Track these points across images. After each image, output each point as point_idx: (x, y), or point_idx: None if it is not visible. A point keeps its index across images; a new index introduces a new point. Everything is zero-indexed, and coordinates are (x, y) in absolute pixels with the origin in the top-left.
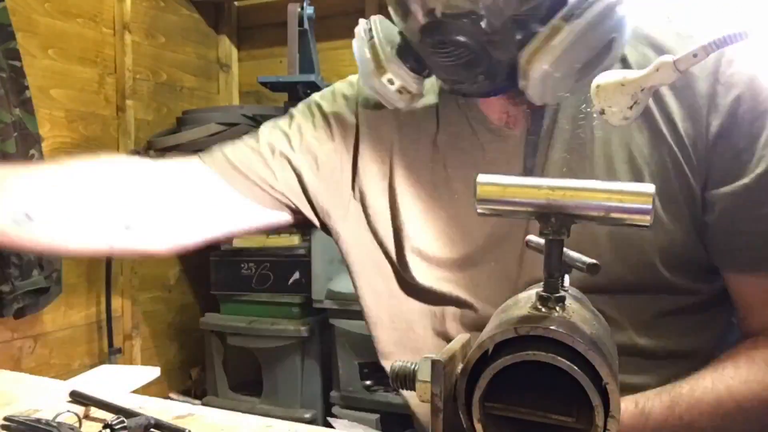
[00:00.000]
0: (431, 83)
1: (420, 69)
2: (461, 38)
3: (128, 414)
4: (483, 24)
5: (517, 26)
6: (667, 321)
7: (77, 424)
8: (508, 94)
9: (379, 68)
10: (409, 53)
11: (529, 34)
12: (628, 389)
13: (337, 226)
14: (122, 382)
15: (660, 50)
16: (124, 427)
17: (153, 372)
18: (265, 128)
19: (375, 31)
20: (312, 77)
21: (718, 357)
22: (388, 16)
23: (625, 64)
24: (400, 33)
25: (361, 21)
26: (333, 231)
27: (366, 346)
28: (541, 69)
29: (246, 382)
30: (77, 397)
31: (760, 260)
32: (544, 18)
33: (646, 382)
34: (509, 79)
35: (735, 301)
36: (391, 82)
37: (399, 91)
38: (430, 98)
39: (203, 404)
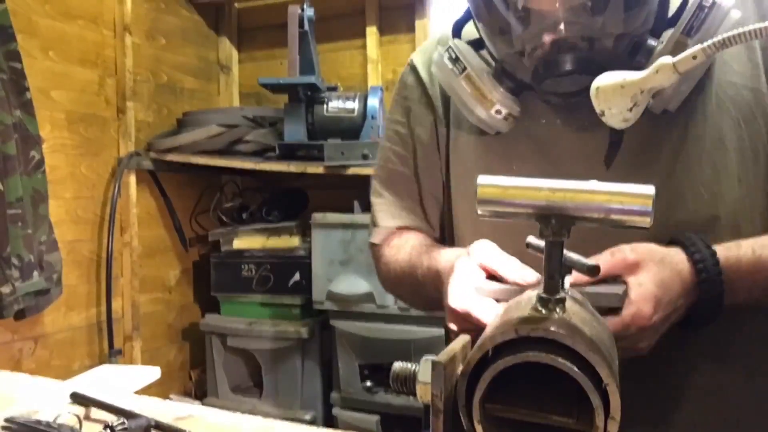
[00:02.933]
0: None
1: (518, 89)
2: (575, 67)
3: (129, 415)
4: (598, 46)
5: (630, 42)
6: None
7: (78, 425)
8: None
9: (485, 101)
10: (505, 75)
11: (644, 47)
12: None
13: None
14: (123, 383)
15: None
16: (125, 428)
17: (153, 373)
18: None
19: (465, 61)
20: (312, 79)
21: None
22: (388, 16)
23: None
24: (486, 50)
25: (437, 47)
26: None
27: (366, 347)
28: (670, 88)
29: (246, 383)
30: (78, 399)
31: None
32: (655, 30)
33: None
34: None
35: None
36: (498, 112)
37: (505, 118)
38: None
39: (203, 405)
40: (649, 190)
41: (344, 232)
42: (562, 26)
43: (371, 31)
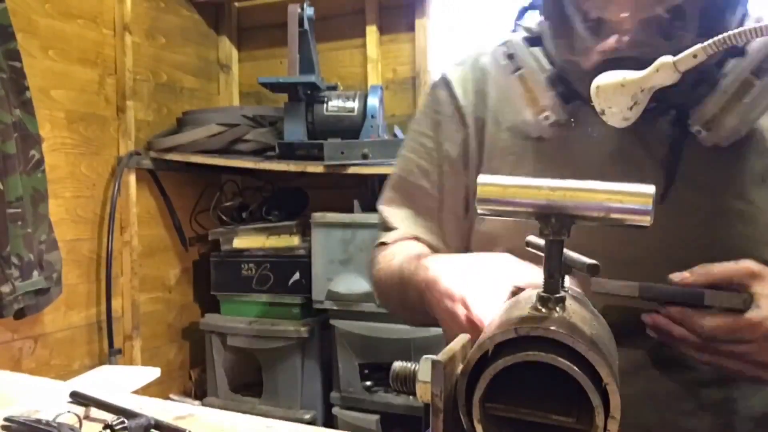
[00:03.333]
0: None
1: (570, 96)
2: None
3: (128, 414)
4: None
5: (696, 70)
6: None
7: (77, 425)
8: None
9: (535, 105)
10: (559, 80)
11: (708, 78)
12: None
13: None
14: (122, 383)
15: None
16: (125, 428)
17: (153, 372)
18: None
19: (521, 58)
20: (312, 78)
21: None
22: (388, 16)
23: None
24: (541, 49)
25: (493, 43)
26: None
27: (366, 346)
28: (732, 123)
29: (246, 382)
30: (77, 398)
31: None
32: (719, 61)
33: None
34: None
35: None
36: (546, 118)
37: (551, 125)
38: None
39: (203, 405)
40: (649, 189)
41: (344, 232)
42: (630, 40)
43: (371, 30)
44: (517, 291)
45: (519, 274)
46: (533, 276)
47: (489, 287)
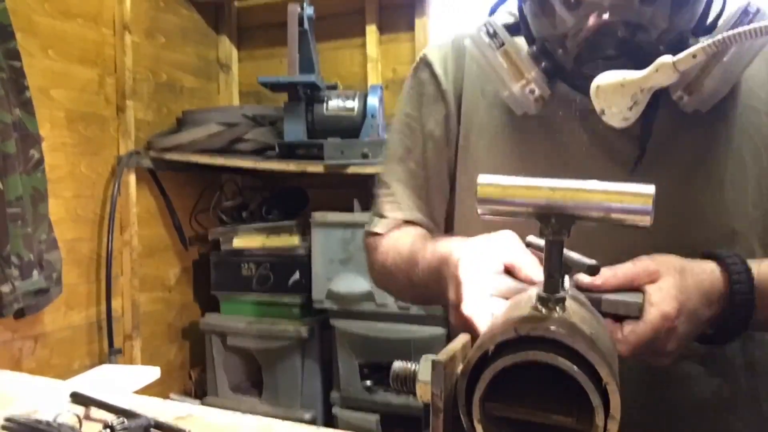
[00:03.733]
0: None
1: (553, 72)
2: (618, 52)
3: (128, 414)
4: (642, 37)
5: (674, 38)
6: None
7: (77, 425)
8: None
9: (520, 78)
10: (543, 55)
11: (685, 46)
12: None
13: None
14: (122, 383)
15: None
16: (125, 428)
17: (153, 372)
18: None
19: (504, 37)
20: (312, 77)
21: None
22: (388, 15)
23: None
24: (527, 33)
25: (477, 24)
26: None
27: (366, 346)
28: (712, 84)
29: (246, 382)
30: (77, 398)
31: None
32: (696, 31)
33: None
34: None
35: None
36: (531, 91)
37: (536, 99)
38: None
39: (203, 405)
40: (649, 189)
41: (344, 231)
42: (608, 10)
43: (371, 30)
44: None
45: (511, 257)
46: (522, 263)
47: (479, 276)
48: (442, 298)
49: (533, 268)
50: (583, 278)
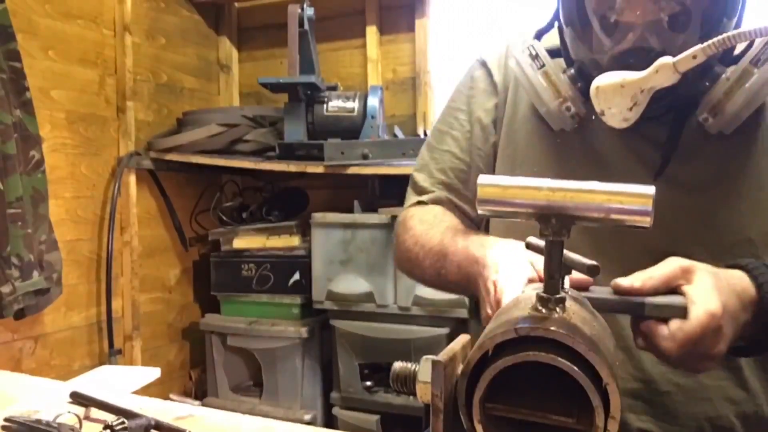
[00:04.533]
0: None
1: (589, 92)
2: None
3: (129, 415)
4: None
5: (707, 66)
6: None
7: (77, 425)
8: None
9: (558, 96)
10: (579, 77)
11: (712, 71)
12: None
13: None
14: (123, 383)
15: None
16: (125, 428)
17: (153, 373)
18: None
19: (543, 57)
20: (312, 78)
21: None
22: (388, 16)
23: None
24: (566, 56)
25: (516, 42)
26: None
27: (366, 346)
28: (735, 108)
29: (246, 383)
30: (78, 398)
31: None
32: (723, 59)
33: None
34: (681, 107)
35: None
36: (568, 109)
37: (572, 116)
38: None
39: (203, 405)
40: (649, 189)
41: (344, 232)
42: (642, 35)
43: (371, 31)
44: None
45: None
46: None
47: (516, 275)
48: (472, 292)
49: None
50: (622, 282)
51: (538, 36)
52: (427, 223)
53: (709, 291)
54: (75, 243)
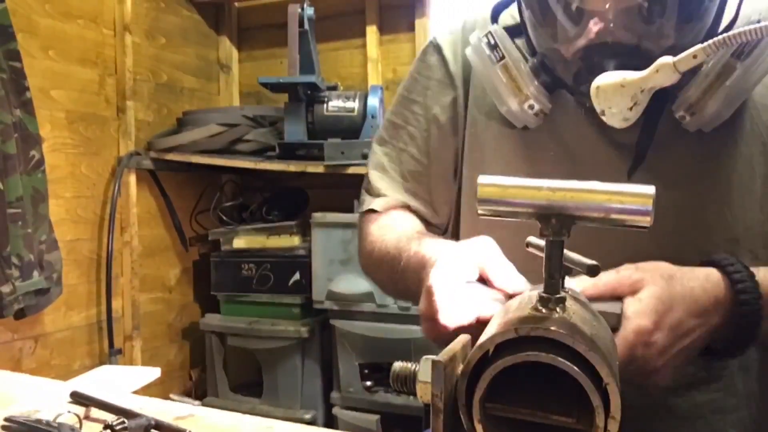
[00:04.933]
0: None
1: (553, 85)
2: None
3: (129, 415)
4: (645, 55)
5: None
6: None
7: (78, 425)
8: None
9: (520, 94)
10: (542, 69)
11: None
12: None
13: None
14: (123, 383)
15: None
16: (125, 428)
17: (153, 373)
18: None
19: (504, 49)
20: (312, 78)
21: None
22: (388, 16)
23: None
24: (527, 43)
25: (475, 34)
26: None
27: (366, 346)
28: (715, 107)
29: (246, 382)
30: (78, 398)
31: None
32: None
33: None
34: (657, 100)
35: None
36: (531, 107)
37: (536, 114)
38: None
39: (203, 405)
40: (650, 189)
41: (344, 232)
42: (612, 27)
43: (371, 31)
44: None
45: (485, 263)
46: (495, 273)
47: (452, 277)
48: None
49: (507, 279)
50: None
51: (495, 15)
52: (384, 228)
53: (646, 304)
54: (75, 243)
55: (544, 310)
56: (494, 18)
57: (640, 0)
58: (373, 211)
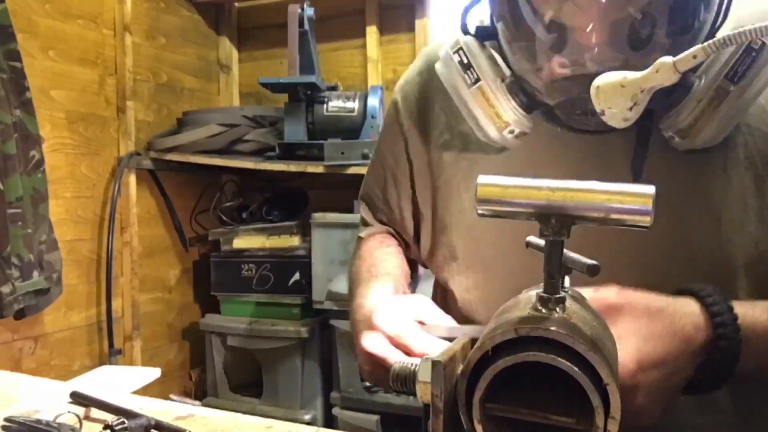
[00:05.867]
0: None
1: (531, 106)
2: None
3: (129, 415)
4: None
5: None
6: None
7: (78, 425)
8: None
9: (499, 121)
10: (518, 88)
11: (682, 85)
12: None
13: None
14: (123, 383)
15: None
16: (125, 428)
17: (153, 373)
18: None
19: (478, 69)
20: (312, 78)
21: None
22: (388, 16)
23: None
24: (501, 55)
25: (444, 46)
26: None
27: None
28: (709, 134)
29: (246, 383)
30: (78, 398)
31: None
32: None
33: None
34: (645, 119)
35: None
36: (511, 132)
37: (516, 137)
38: None
39: (203, 405)
40: (649, 189)
41: (344, 232)
42: (594, 58)
43: (371, 31)
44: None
45: (422, 312)
46: (435, 325)
47: (394, 308)
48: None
49: (429, 342)
50: None
51: (464, 19)
52: (360, 259)
53: (627, 343)
54: (75, 243)
55: (544, 311)
56: (463, 24)
57: (632, 11)
58: (361, 238)
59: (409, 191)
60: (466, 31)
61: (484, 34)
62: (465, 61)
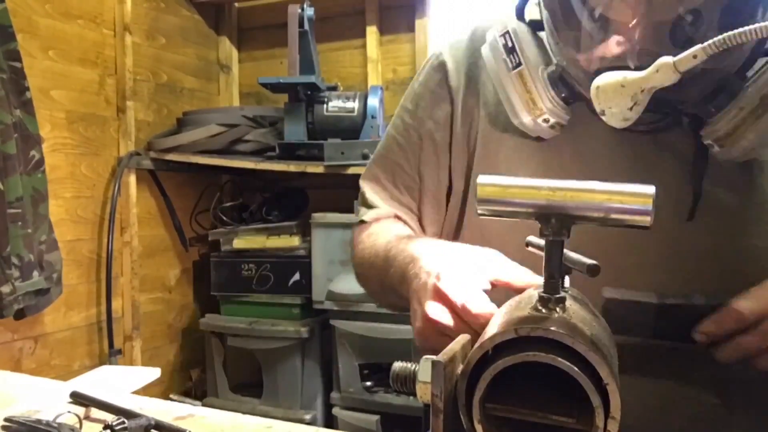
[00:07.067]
0: None
1: (573, 98)
2: (651, 106)
3: (129, 415)
4: (682, 80)
5: (715, 80)
6: None
7: (78, 425)
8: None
9: (534, 108)
10: (562, 81)
11: (729, 87)
12: None
13: None
14: (122, 383)
15: None
16: (125, 428)
17: (153, 373)
18: None
19: (521, 55)
20: (312, 78)
21: None
22: (388, 16)
23: None
24: (546, 35)
25: (493, 32)
26: None
27: (366, 347)
28: (746, 144)
29: (246, 383)
30: (78, 398)
31: None
32: (743, 67)
33: None
34: (687, 123)
35: None
36: (545, 120)
37: (551, 126)
38: None
39: (203, 405)
40: (649, 189)
41: (344, 232)
42: (635, 48)
43: (371, 31)
44: (519, 290)
45: (500, 269)
46: (515, 274)
47: (465, 270)
48: (407, 299)
49: (526, 275)
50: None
51: (520, 9)
52: (374, 234)
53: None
54: (75, 243)
55: (544, 310)
56: (519, 9)
57: (681, 12)
58: (365, 222)
59: (448, 158)
60: (521, 17)
61: (535, 25)
62: (510, 45)
